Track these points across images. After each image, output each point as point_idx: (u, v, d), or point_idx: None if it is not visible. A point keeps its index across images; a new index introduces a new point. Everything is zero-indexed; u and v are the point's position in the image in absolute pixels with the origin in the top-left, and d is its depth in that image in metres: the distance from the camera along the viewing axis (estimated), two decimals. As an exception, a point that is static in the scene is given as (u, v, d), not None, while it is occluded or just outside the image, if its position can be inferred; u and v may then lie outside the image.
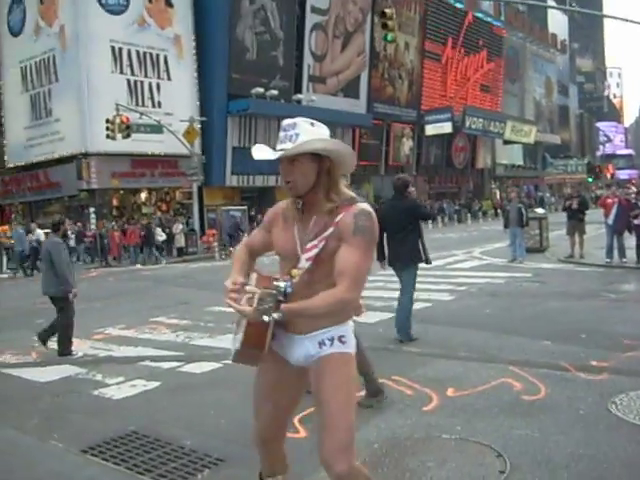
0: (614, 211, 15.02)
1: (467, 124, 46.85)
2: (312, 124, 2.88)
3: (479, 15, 51.50)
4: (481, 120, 48.74)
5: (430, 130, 45.55)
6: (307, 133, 2.82)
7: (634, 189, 18.50)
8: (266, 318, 2.71)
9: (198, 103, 31.20)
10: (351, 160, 2.94)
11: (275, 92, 32.41)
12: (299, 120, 2.87)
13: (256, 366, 3.10)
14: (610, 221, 15.14)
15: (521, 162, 61.79)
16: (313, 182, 2.84)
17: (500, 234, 25.73)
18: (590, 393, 5.67)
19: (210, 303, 11.13)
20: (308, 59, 36.36)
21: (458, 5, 49.18)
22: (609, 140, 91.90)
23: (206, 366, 7.33)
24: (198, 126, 29.41)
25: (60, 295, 8.50)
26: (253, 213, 31.43)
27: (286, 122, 2.89)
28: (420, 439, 4.79)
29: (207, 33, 31.11)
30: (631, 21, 20.61)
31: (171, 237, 26.37)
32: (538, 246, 18.81)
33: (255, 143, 16.55)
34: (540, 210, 21.88)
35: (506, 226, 18.15)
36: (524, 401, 5.55)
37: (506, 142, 54.91)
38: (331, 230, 2.79)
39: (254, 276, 2.97)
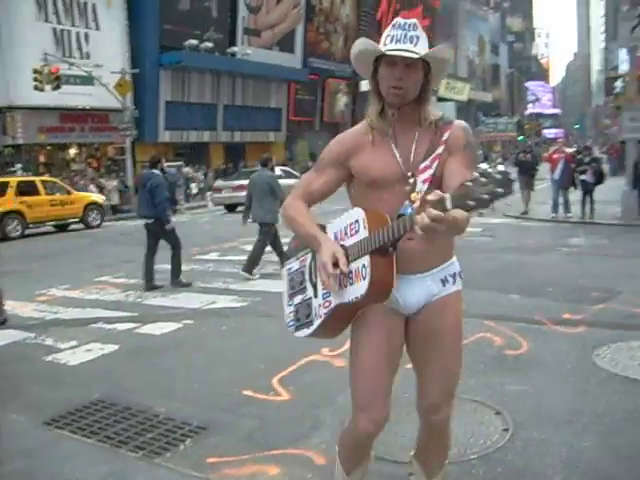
0: (560, 166, 15.11)
1: (402, 81, 46.67)
2: None
3: (414, -30, 51.08)
4: (415, 77, 48.59)
5: (365, 86, 44.78)
6: (423, 37, 2.50)
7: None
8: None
9: (129, 55, 29.90)
10: (442, 75, 2.64)
11: (209, 44, 31.41)
12: (416, 21, 2.54)
13: (333, 336, 2.73)
14: (556, 176, 15.25)
15: (454, 119, 62.10)
16: (417, 93, 2.52)
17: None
18: (573, 347, 5.58)
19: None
20: (243, 11, 35.30)
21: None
22: (537, 99, 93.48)
23: (165, 327, 6.94)
24: (129, 79, 28.22)
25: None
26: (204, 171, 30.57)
27: (404, 21, 2.53)
28: (412, 398, 4.56)
29: (135, -19, 29.76)
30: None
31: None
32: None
33: (189, 97, 15.78)
34: (484, 165, 21.92)
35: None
36: (508, 356, 5.41)
37: (440, 99, 55.01)
38: (441, 149, 2.50)
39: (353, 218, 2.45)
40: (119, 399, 4.80)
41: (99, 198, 22.19)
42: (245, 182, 11.30)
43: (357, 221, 2.44)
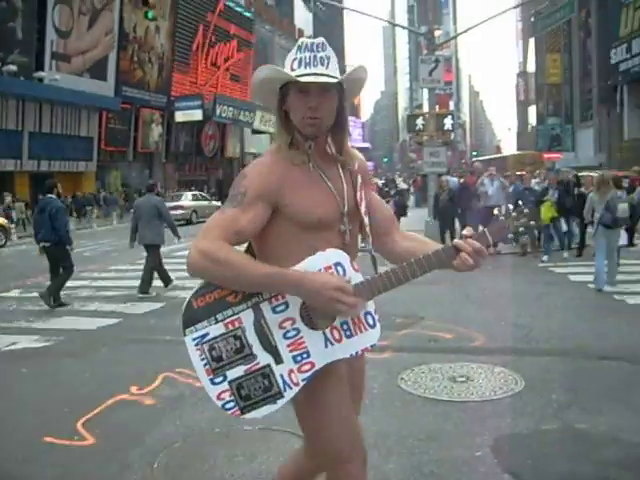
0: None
1: (217, 112, 46.79)
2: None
3: (230, 4, 51.66)
4: (231, 109, 48.98)
5: (180, 117, 44.76)
6: (334, 56, 2.30)
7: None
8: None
9: None
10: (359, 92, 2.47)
11: (13, 68, 29.72)
12: (324, 40, 2.31)
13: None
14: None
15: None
16: (333, 120, 2.30)
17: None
18: (379, 371, 5.78)
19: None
20: (51, 34, 33.78)
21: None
22: (349, 134, 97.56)
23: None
24: None
25: None
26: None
27: (311, 41, 2.28)
28: (223, 433, 4.52)
29: None
30: (367, 14, 21.85)
31: None
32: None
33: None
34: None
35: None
36: (319, 384, 5.49)
37: (255, 131, 55.84)
38: (360, 178, 2.40)
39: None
40: None
41: None
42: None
43: (339, 264, 2.18)
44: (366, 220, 2.36)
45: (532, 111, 63.81)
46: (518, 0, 51.59)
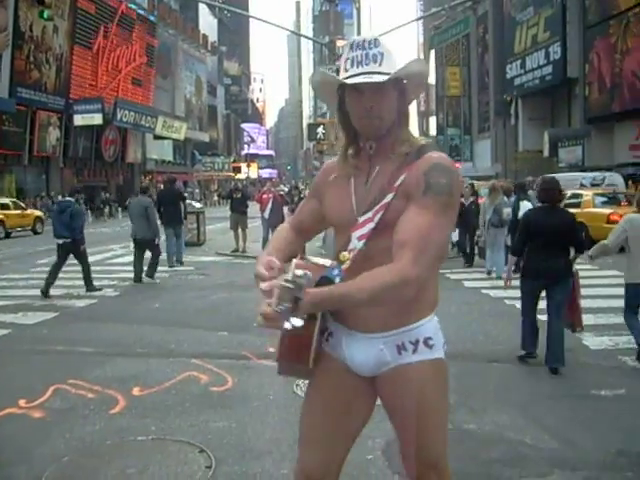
0: (269, 206, 15.87)
1: (118, 117, 45.75)
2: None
3: (132, 6, 50.61)
4: (132, 113, 48.02)
5: (79, 120, 43.43)
6: (388, 52, 2.15)
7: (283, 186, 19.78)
8: (287, 325, 1.92)
9: None
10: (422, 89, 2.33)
11: None
12: (378, 36, 2.18)
13: (308, 379, 2.37)
14: (266, 215, 15.97)
15: (171, 158, 62.39)
16: (394, 118, 2.17)
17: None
18: (275, 379, 5.75)
19: None
20: (-62, 31, 32.22)
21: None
22: (253, 140, 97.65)
23: None
24: None
25: None
26: None
27: (362, 38, 2.16)
28: (114, 444, 4.44)
29: None
30: (273, 24, 21.96)
31: None
32: (195, 240, 18.98)
33: None
34: (197, 204, 22.12)
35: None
36: (214, 392, 5.51)
37: (157, 137, 54.96)
38: (390, 197, 2.09)
39: (292, 263, 2.00)
40: None
41: None
42: None
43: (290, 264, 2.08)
44: (355, 244, 2.14)
45: (432, 121, 65.60)
46: (420, 14, 52.93)
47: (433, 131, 63.70)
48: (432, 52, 58.44)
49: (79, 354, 6.99)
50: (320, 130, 17.11)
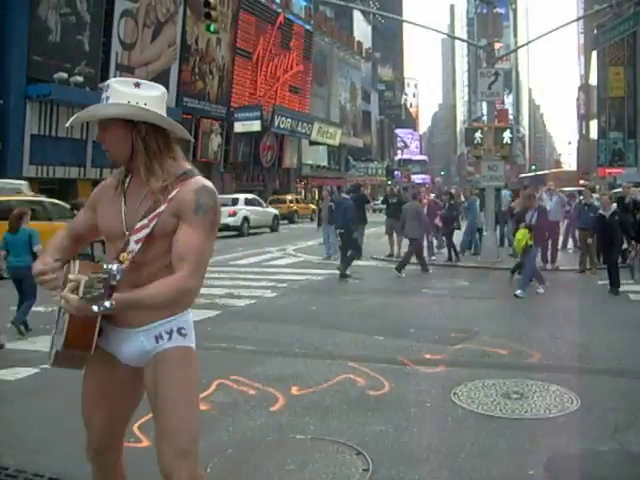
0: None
1: (276, 123, 47.30)
2: (137, 85, 2.55)
3: (291, 17, 52.23)
4: (289, 120, 49.46)
5: (239, 127, 45.36)
6: (119, 96, 2.50)
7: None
8: (95, 308, 2.23)
9: (-7, 85, 28.63)
10: (171, 126, 2.62)
11: (80, 79, 30.58)
12: (113, 81, 2.57)
13: (81, 369, 2.72)
14: (421, 221, 15.85)
15: (325, 163, 63.56)
16: (130, 151, 2.52)
17: (309, 232, 26.20)
18: (432, 386, 5.77)
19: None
20: (116, 46, 34.70)
21: (272, 5, 49.51)
22: (406, 146, 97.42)
23: (21, 372, 6.56)
24: (-7, 110, 26.98)
25: None
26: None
27: (103, 84, 2.62)
28: (274, 441, 4.57)
29: (3, 7, 28.61)
30: (427, 27, 21.75)
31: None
32: (350, 244, 19.16)
33: (57, 131, 15.47)
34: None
35: (319, 224, 18.47)
36: (371, 396, 5.51)
37: (312, 143, 56.20)
38: (163, 207, 2.47)
39: (76, 263, 2.51)
40: (-36, 450, 4.48)
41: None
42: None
43: (72, 265, 2.52)
44: (132, 247, 2.49)
45: (593, 125, 62.51)
46: (580, 13, 50.52)
47: (594, 134, 60.71)
48: (593, 53, 55.62)
49: (241, 352, 7.27)
50: (478, 135, 16.74)
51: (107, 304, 2.23)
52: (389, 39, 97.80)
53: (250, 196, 32.50)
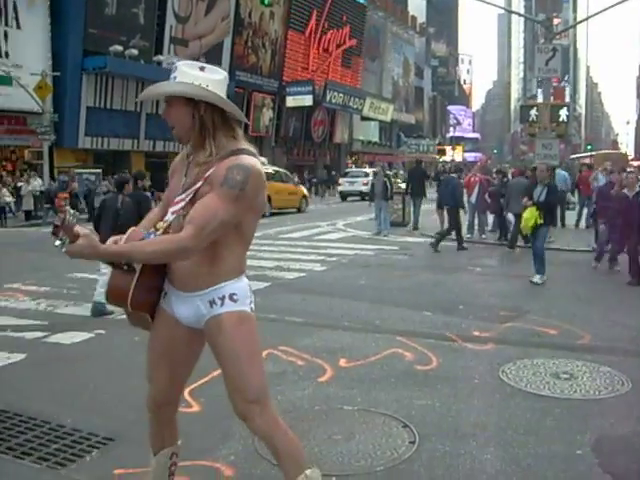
0: (476, 190, 15.56)
1: (327, 98, 47.15)
2: (202, 68, 2.72)
3: (344, -10, 51.75)
4: (341, 95, 49.26)
5: (291, 102, 45.38)
6: (185, 77, 2.69)
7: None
8: (57, 242, 2.43)
9: (50, 56, 29.12)
10: (227, 106, 2.74)
11: (135, 52, 30.92)
12: (181, 64, 2.75)
13: (148, 329, 2.95)
14: (473, 200, 15.69)
15: (377, 139, 63.17)
16: (189, 127, 2.71)
17: (358, 207, 26.15)
18: (480, 363, 5.76)
19: (72, 269, 10.34)
20: (171, 20, 34.97)
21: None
22: (459, 123, 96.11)
23: (76, 336, 6.77)
24: (50, 82, 27.48)
25: None
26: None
27: (172, 64, 2.86)
28: (322, 411, 4.63)
29: (62, -19, 29.01)
30: (484, 1, 21.23)
31: (19, 198, 24.57)
32: (400, 220, 19.14)
33: (111, 104, 15.60)
34: (403, 185, 22.16)
35: (371, 199, 18.42)
36: (418, 371, 5.53)
37: (364, 118, 55.90)
38: (200, 183, 2.64)
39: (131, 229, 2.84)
40: (23, 409, 4.66)
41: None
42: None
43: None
44: (168, 217, 2.73)
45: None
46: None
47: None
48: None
49: (289, 323, 7.36)
50: (533, 112, 16.41)
51: (55, 242, 2.43)
52: (444, 13, 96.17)
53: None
